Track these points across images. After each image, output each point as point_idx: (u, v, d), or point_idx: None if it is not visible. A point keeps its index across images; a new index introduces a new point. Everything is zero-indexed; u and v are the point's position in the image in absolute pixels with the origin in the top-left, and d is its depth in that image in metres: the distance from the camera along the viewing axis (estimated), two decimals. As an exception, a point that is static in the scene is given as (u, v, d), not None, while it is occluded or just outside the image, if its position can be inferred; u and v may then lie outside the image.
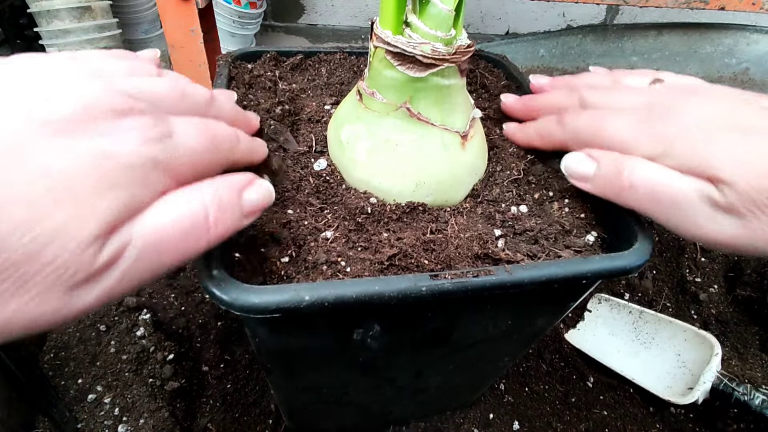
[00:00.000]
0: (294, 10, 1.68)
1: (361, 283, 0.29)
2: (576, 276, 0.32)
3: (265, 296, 0.27)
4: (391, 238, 0.34)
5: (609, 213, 0.37)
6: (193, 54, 1.01)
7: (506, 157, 0.43)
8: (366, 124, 0.38)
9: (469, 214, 0.38)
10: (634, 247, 0.33)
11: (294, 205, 0.36)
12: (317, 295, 0.27)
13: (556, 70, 0.98)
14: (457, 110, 0.38)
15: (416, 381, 0.45)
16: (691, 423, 0.66)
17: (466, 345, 0.41)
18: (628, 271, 0.33)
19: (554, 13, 1.43)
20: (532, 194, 0.40)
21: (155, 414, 0.57)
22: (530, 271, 0.31)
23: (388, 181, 0.37)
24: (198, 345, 0.66)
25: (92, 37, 1.50)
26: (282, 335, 0.34)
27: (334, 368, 0.41)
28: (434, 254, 0.33)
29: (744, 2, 0.72)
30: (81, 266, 0.20)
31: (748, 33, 0.92)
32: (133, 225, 0.21)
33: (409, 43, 0.34)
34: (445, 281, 0.29)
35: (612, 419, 0.66)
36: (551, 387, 0.68)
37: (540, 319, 0.42)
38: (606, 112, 0.36)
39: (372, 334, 0.35)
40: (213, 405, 0.61)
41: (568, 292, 0.39)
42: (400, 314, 0.34)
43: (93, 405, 0.57)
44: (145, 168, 0.22)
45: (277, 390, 0.47)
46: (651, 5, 0.73)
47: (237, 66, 0.48)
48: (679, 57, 0.97)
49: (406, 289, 0.29)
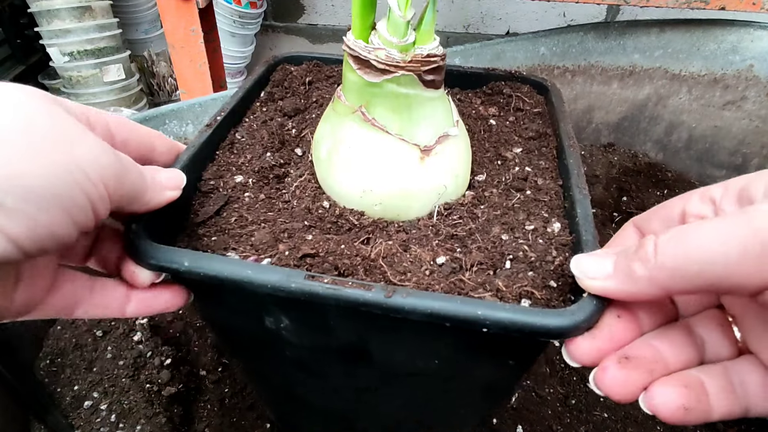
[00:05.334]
0: (294, 10, 1.68)
1: (234, 263, 0.30)
2: (469, 319, 0.27)
3: (157, 254, 0.30)
4: (317, 239, 0.34)
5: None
6: (193, 54, 1.01)
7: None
8: (330, 125, 0.38)
9: (418, 234, 0.36)
10: (569, 308, 0.27)
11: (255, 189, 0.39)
12: (195, 265, 0.29)
13: (557, 68, 0.97)
14: (420, 122, 0.37)
15: (361, 397, 0.43)
16: (692, 426, 0.65)
17: (397, 374, 0.39)
18: (547, 332, 0.27)
19: (555, 13, 1.42)
20: (518, 223, 0.37)
21: (152, 420, 0.57)
22: (412, 299, 0.27)
23: (339, 182, 0.37)
24: (195, 349, 0.66)
25: (92, 36, 1.50)
26: (205, 305, 0.37)
27: (269, 359, 0.41)
28: (350, 261, 0.32)
29: (744, 2, 0.72)
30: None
31: (752, 29, 0.91)
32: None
33: (366, 47, 0.34)
34: (316, 284, 0.29)
35: (612, 421, 0.65)
36: (552, 389, 0.68)
37: (477, 371, 0.37)
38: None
39: (283, 326, 0.34)
40: (210, 410, 0.61)
41: (487, 343, 0.32)
42: (299, 311, 0.33)
43: (89, 411, 0.57)
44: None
45: (242, 373, 0.49)
46: (651, 5, 0.72)
47: (279, 68, 0.52)
48: (681, 54, 0.96)
49: (277, 282, 0.29)
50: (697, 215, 0.28)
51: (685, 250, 0.24)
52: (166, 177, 0.33)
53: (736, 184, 0.27)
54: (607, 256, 0.28)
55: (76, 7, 1.45)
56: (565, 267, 0.32)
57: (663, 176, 1.01)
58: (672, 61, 0.97)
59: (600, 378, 0.27)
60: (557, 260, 0.33)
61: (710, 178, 1.04)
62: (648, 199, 0.96)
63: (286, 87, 0.50)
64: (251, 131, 0.44)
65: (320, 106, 0.48)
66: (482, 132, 0.47)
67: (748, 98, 0.96)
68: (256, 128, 0.44)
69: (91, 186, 0.25)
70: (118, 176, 0.27)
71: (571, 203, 0.37)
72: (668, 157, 1.06)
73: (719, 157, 1.03)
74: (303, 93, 0.49)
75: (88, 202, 0.26)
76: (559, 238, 0.35)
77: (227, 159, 0.41)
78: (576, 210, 0.35)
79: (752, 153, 1.01)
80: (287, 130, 0.45)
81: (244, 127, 0.44)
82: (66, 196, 0.24)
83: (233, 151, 0.42)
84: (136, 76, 1.68)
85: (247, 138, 0.43)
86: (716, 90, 0.98)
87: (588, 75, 1.00)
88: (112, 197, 0.27)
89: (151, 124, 0.72)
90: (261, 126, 0.45)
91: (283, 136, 0.44)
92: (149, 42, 1.87)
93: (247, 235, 0.35)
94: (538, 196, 0.39)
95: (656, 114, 1.03)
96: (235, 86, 0.49)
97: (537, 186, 0.41)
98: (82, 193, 0.25)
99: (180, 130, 0.74)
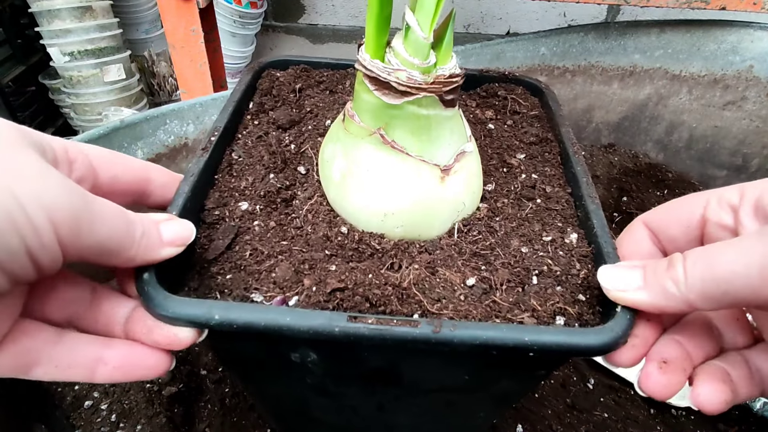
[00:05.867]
0: (294, 10, 1.68)
1: (272, 311, 0.28)
2: (518, 346, 0.28)
3: (178, 308, 0.27)
4: (341, 269, 0.32)
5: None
6: (193, 54, 1.01)
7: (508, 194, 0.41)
8: (343, 146, 0.37)
9: (443, 254, 0.35)
10: (606, 325, 0.29)
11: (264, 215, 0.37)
12: (227, 317, 0.27)
13: (557, 68, 0.97)
14: (440, 142, 0.36)
15: (379, 414, 0.43)
16: (692, 425, 0.65)
17: (423, 390, 0.39)
18: (588, 350, 0.28)
19: (555, 13, 1.42)
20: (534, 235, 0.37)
21: (153, 420, 0.57)
22: (460, 331, 0.28)
23: (357, 206, 0.36)
24: (196, 349, 0.66)
25: (93, 36, 1.50)
26: (222, 344, 0.34)
27: (286, 384, 0.39)
28: (381, 291, 0.31)
29: (745, 2, 0.72)
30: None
31: (752, 30, 0.91)
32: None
33: (385, 68, 0.33)
34: (361, 325, 0.27)
35: (613, 421, 0.65)
36: (552, 388, 0.68)
37: (504, 382, 0.37)
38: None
39: (311, 360, 0.33)
40: (211, 410, 0.61)
41: (524, 362, 0.33)
42: (332, 349, 0.32)
43: (90, 411, 0.57)
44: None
45: (246, 391, 0.47)
46: (652, 5, 0.72)
47: (265, 74, 0.49)
48: (682, 55, 0.96)
49: (319, 327, 0.27)
50: (719, 223, 0.30)
51: (713, 275, 0.26)
52: (169, 232, 0.29)
53: (752, 192, 0.28)
54: (634, 269, 0.30)
55: (76, 7, 1.45)
56: (591, 279, 0.33)
57: (663, 176, 1.01)
58: (672, 62, 0.97)
59: (645, 383, 0.30)
60: (582, 273, 0.34)
61: (711, 178, 1.04)
62: (648, 199, 0.96)
63: (275, 95, 0.48)
64: (247, 149, 0.42)
65: (315, 117, 0.46)
66: (483, 138, 0.46)
67: (748, 98, 0.96)
68: (251, 145, 0.42)
69: (30, 229, 0.21)
70: (78, 222, 0.23)
71: (585, 213, 0.37)
72: (669, 157, 1.06)
73: (720, 157, 1.04)
74: (294, 102, 0.48)
75: (23, 246, 0.21)
76: (579, 250, 0.36)
77: (228, 183, 0.39)
78: (592, 221, 0.36)
79: (753, 153, 1.01)
80: (285, 146, 0.43)
81: (239, 145, 0.42)
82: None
83: (233, 174, 0.40)
84: (136, 76, 1.68)
85: (245, 157, 0.41)
86: (716, 90, 0.98)
87: (588, 75, 1.00)
88: (68, 247, 0.23)
89: (152, 124, 0.72)
90: (257, 142, 0.43)
91: (283, 154, 0.42)
92: (150, 42, 1.87)
93: (267, 271, 0.33)
94: (550, 205, 0.40)
95: (657, 114, 1.03)
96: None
97: (546, 194, 0.41)
98: (16, 236, 0.21)
99: (181, 129, 0.74)
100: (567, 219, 0.39)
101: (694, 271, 0.26)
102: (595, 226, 0.35)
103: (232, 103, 0.44)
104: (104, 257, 0.25)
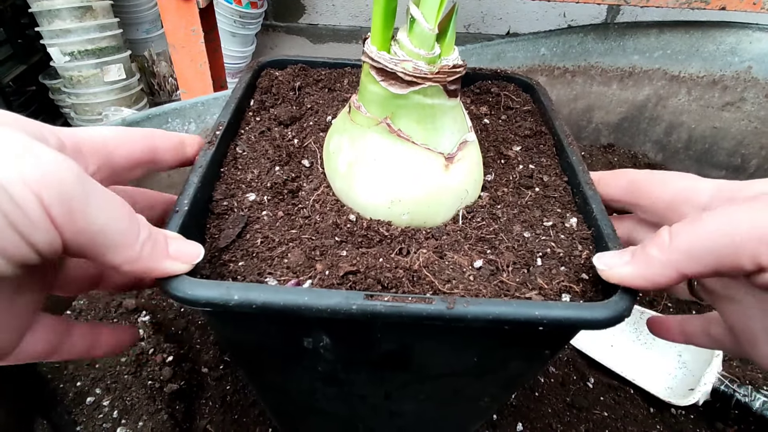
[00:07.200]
0: (295, 10, 1.68)
1: (290, 291, 0.29)
2: (529, 320, 0.29)
3: (197, 290, 0.28)
4: (352, 254, 0.33)
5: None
6: (194, 54, 1.01)
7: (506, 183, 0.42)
8: (350, 137, 0.38)
9: (449, 239, 0.36)
10: (611, 299, 0.30)
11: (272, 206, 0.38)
12: (246, 297, 0.28)
13: (557, 69, 0.97)
14: (444, 131, 0.37)
15: (387, 403, 0.44)
16: (692, 424, 0.66)
17: (432, 375, 0.40)
18: (595, 323, 0.29)
19: (555, 13, 1.43)
20: (533, 220, 0.39)
21: (154, 416, 0.57)
22: (474, 307, 0.29)
23: (364, 195, 0.37)
24: (197, 346, 0.66)
25: (93, 36, 1.50)
26: (232, 330, 0.35)
27: (296, 374, 0.40)
28: (392, 274, 0.32)
29: (745, 2, 0.72)
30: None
31: (751, 31, 0.92)
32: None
33: (392, 59, 0.34)
34: (378, 303, 0.28)
35: (612, 420, 0.65)
36: (552, 387, 0.68)
37: (513, 363, 0.38)
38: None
39: (323, 345, 0.34)
40: (212, 407, 0.61)
41: (532, 338, 0.34)
42: (346, 331, 0.33)
43: (92, 407, 0.57)
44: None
45: (251, 385, 0.47)
46: (652, 5, 0.72)
47: (264, 73, 0.50)
48: (681, 55, 0.96)
49: (337, 305, 0.28)
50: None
51: (698, 233, 0.27)
52: (176, 246, 0.28)
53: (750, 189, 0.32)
54: (626, 251, 0.31)
55: (76, 7, 1.45)
56: (593, 260, 0.35)
57: (662, 176, 1.02)
58: (671, 63, 0.98)
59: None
60: (584, 254, 0.35)
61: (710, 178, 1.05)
62: (647, 199, 0.96)
63: (275, 93, 0.49)
64: (251, 144, 0.43)
65: (316, 113, 0.47)
66: (479, 132, 0.47)
67: (746, 99, 0.97)
68: (255, 140, 0.44)
69: (11, 204, 0.20)
70: (69, 199, 0.22)
71: (584, 199, 0.39)
72: (668, 157, 1.07)
73: (718, 157, 1.04)
74: (294, 99, 0.49)
75: (5, 222, 0.21)
76: (579, 233, 0.37)
77: (234, 176, 0.40)
78: (591, 206, 0.38)
79: (751, 154, 1.01)
80: (289, 141, 0.44)
81: (243, 140, 0.44)
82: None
83: (238, 167, 0.41)
84: (136, 75, 1.68)
85: (249, 151, 0.42)
86: (715, 91, 0.98)
87: (588, 75, 1.00)
88: (64, 228, 0.22)
89: (153, 123, 0.72)
90: (260, 137, 0.44)
91: (287, 148, 0.43)
92: (150, 42, 1.87)
93: (279, 257, 0.34)
94: (548, 193, 0.41)
95: (656, 115, 1.04)
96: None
97: (544, 183, 0.42)
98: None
99: (182, 128, 0.75)
100: (565, 205, 0.40)
101: (680, 233, 0.28)
102: (594, 210, 0.37)
103: (234, 100, 0.45)
104: (103, 250, 0.25)
